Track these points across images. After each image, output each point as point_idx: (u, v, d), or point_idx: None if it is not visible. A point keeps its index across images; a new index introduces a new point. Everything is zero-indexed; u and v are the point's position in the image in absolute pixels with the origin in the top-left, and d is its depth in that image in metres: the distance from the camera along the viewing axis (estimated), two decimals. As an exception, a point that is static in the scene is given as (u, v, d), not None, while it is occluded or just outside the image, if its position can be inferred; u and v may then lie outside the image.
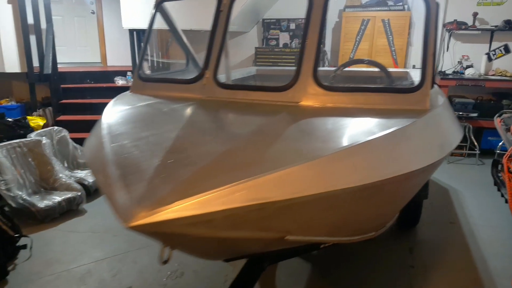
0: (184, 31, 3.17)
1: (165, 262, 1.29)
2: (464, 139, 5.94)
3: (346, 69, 3.56)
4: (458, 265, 3.16)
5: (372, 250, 3.40)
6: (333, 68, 3.76)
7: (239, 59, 6.99)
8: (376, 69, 3.19)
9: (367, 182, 1.44)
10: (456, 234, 3.67)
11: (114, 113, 2.09)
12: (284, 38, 6.75)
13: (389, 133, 1.64)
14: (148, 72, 2.82)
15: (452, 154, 6.03)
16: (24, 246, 3.30)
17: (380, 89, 2.23)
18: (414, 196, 3.28)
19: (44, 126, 6.01)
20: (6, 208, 3.42)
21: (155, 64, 6.64)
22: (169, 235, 1.20)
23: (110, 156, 1.55)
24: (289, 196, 1.29)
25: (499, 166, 4.92)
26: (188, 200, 1.18)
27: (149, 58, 2.59)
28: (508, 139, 4.37)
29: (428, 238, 3.60)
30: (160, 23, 2.92)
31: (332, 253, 3.38)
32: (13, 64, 6.13)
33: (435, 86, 2.75)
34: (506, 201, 4.02)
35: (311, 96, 2.06)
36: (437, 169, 2.15)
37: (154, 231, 1.16)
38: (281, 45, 6.76)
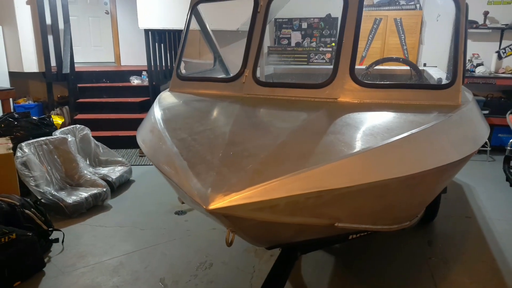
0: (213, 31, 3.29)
1: (230, 244, 1.40)
2: (475, 136, 6.04)
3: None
4: (477, 257, 3.27)
5: (392, 243, 3.51)
6: (361, 67, 3.88)
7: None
8: (401, 67, 3.30)
9: (413, 172, 1.56)
10: (472, 228, 3.78)
11: (164, 110, 2.20)
12: (296, 37, 6.85)
13: (429, 126, 1.76)
14: (183, 71, 2.93)
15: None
16: (56, 240, 3.43)
17: (414, 86, 2.35)
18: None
19: (62, 124, 6.15)
20: (39, 203, 3.54)
21: (185, 64, 6.76)
22: (238, 218, 1.31)
23: (174, 149, 1.67)
24: (345, 185, 1.40)
25: (511, 162, 5.04)
26: (255, 188, 1.30)
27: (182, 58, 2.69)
28: (521, 135, 4.48)
29: (445, 232, 3.71)
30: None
31: (354, 246, 3.50)
32: (31, 64, 6.27)
33: None
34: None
35: (348, 93, 2.17)
36: (468, 161, 2.25)
37: (227, 213, 1.27)
38: (293, 44, 6.87)
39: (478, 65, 6.26)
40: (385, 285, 2.91)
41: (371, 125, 1.82)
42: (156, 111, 2.26)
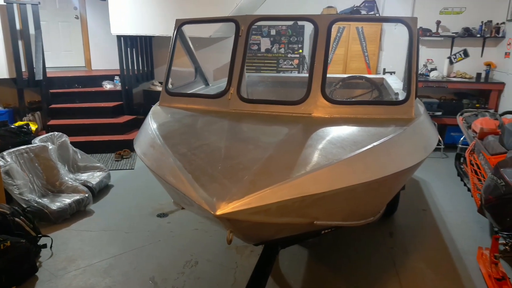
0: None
1: (230, 242, 1.68)
2: (430, 135, 6.61)
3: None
4: (432, 246, 3.72)
5: (358, 236, 3.91)
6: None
7: (225, 62, 7.36)
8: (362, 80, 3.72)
9: (375, 178, 1.90)
10: (428, 220, 4.25)
11: (160, 126, 2.45)
12: (265, 43, 7.17)
13: (388, 139, 2.13)
14: (170, 86, 3.17)
15: (420, 149, 6.68)
16: (44, 245, 3.57)
17: (375, 102, 2.73)
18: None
19: (36, 131, 6.17)
20: (27, 211, 3.66)
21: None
22: (238, 221, 1.60)
23: (178, 163, 1.93)
24: (323, 190, 1.72)
25: (461, 159, 5.59)
26: (252, 196, 1.59)
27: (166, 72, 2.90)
28: (469, 135, 5.01)
29: (405, 224, 4.15)
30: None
31: (325, 240, 3.87)
32: (1, 70, 6.23)
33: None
34: (469, 190, 4.65)
35: (320, 109, 2.51)
36: (421, 165, 2.65)
37: (231, 218, 1.56)
38: (263, 50, 7.18)
39: (432, 69, 6.83)
40: (353, 272, 3.29)
41: (341, 139, 2.16)
42: (153, 126, 2.50)
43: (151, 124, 2.55)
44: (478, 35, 6.63)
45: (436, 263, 3.43)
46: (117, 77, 6.95)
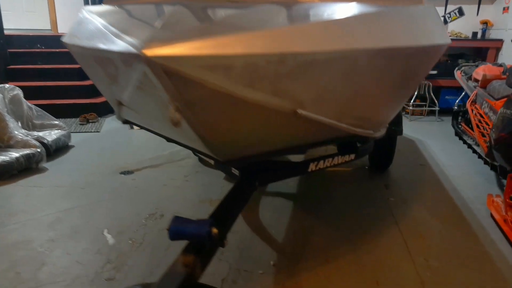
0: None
1: (177, 124, 1.16)
2: (423, 98, 6.17)
3: None
4: (434, 197, 3.25)
5: (350, 188, 3.43)
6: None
7: None
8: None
9: (385, 45, 1.40)
10: (427, 173, 3.79)
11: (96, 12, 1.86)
12: None
13: (399, 7, 1.61)
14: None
15: (413, 113, 6.25)
16: (-19, 200, 3.01)
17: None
18: (391, 131, 3.34)
19: (-9, 92, 5.52)
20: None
21: None
22: (184, 81, 1.07)
23: (102, 21, 1.38)
24: (310, 49, 1.20)
25: (459, 118, 5.16)
26: (207, 40, 1.06)
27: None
28: (470, 87, 4.57)
29: (401, 177, 3.68)
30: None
31: (312, 192, 3.38)
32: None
33: None
34: (469, 147, 4.22)
35: None
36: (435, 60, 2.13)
37: (170, 67, 1.02)
38: None
39: (426, 29, 6.37)
40: (345, 224, 2.80)
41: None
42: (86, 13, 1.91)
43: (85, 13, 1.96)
44: (474, -8, 6.20)
45: (440, 212, 2.97)
46: (84, 38, 6.32)
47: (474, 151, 3.97)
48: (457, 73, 5.11)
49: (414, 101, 6.11)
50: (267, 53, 1.13)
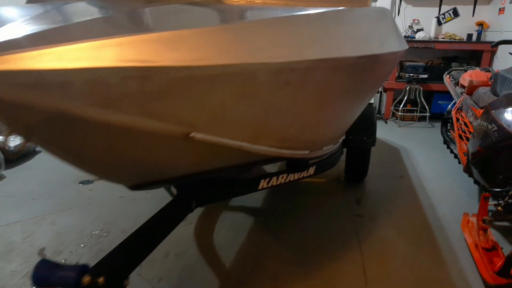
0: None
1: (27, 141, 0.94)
2: (415, 103, 5.90)
3: None
4: (407, 213, 3.01)
5: (319, 202, 3.19)
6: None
7: None
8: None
9: (290, 60, 1.15)
10: (405, 186, 3.54)
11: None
12: None
13: (335, 11, 1.37)
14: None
15: (403, 119, 5.98)
16: None
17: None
18: (362, 142, 3.09)
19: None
20: None
21: None
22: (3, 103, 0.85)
23: None
24: (187, 63, 0.97)
25: (448, 125, 4.89)
26: (35, 50, 0.83)
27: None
28: (457, 93, 4.30)
29: (376, 190, 3.44)
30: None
31: (280, 203, 3.15)
32: None
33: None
34: (455, 156, 3.95)
35: None
36: (380, 82, 1.90)
37: None
38: None
39: (418, 30, 6.10)
40: (304, 244, 2.57)
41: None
42: None
43: None
44: (470, -8, 5.91)
45: (410, 232, 2.72)
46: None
47: (460, 162, 3.71)
48: (446, 78, 4.85)
49: (404, 106, 5.84)
50: (122, 67, 0.90)
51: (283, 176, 2.26)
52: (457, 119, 3.94)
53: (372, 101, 3.74)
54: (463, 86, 4.13)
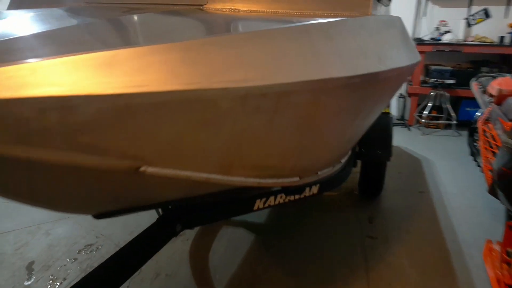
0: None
1: None
2: (441, 110, 5.56)
3: None
4: (423, 236, 2.75)
5: (328, 220, 2.97)
6: None
7: None
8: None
9: (259, 84, 0.94)
10: (424, 203, 3.26)
11: None
12: None
13: (324, 22, 1.16)
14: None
15: (428, 126, 5.65)
16: None
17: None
18: (375, 156, 2.85)
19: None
20: None
21: None
22: None
23: None
24: (120, 91, 0.79)
25: (475, 135, 4.55)
26: None
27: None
28: (484, 101, 3.97)
29: (392, 207, 3.18)
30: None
31: (285, 219, 2.95)
32: None
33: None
34: (482, 170, 3.64)
35: None
36: (383, 102, 1.68)
37: None
38: None
39: (446, 32, 5.74)
40: (306, 269, 2.37)
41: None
42: None
43: None
44: (503, -8, 5.51)
45: (424, 259, 2.47)
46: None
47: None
48: (473, 84, 4.50)
49: (429, 113, 5.50)
50: (30, 98, 0.73)
51: (281, 195, 2.06)
52: (484, 131, 3.63)
53: (388, 109, 3.46)
54: (491, 95, 3.80)
